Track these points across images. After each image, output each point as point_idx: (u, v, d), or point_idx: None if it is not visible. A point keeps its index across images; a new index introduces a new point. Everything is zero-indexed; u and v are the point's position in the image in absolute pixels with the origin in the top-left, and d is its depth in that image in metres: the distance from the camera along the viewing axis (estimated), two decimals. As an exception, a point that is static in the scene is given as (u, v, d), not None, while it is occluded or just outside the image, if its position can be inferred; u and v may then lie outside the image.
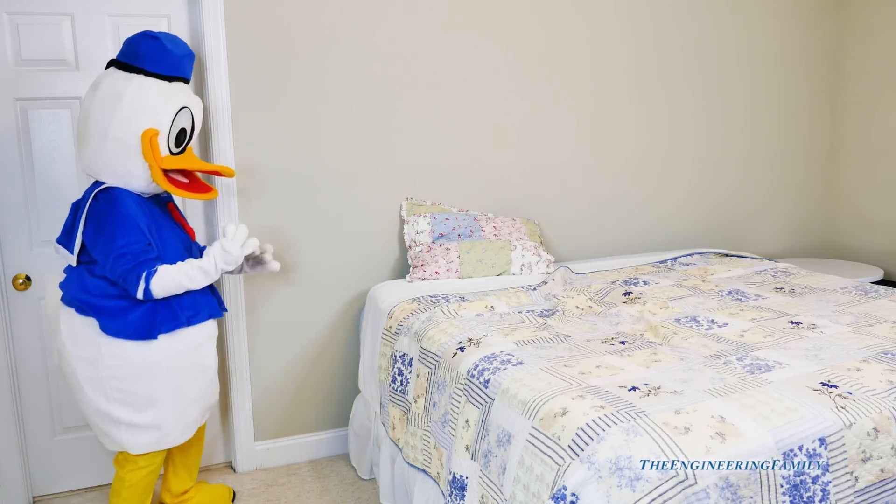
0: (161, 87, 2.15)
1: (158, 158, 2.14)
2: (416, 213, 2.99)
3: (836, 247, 3.93)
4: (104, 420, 2.21)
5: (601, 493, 1.45)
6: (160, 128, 2.14)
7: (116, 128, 2.10)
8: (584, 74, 3.25)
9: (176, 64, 2.20)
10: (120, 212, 2.10)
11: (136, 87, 2.12)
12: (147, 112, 2.12)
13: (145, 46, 2.15)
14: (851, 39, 3.74)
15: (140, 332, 2.14)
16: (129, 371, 2.16)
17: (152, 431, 2.23)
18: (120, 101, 2.10)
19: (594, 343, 2.12)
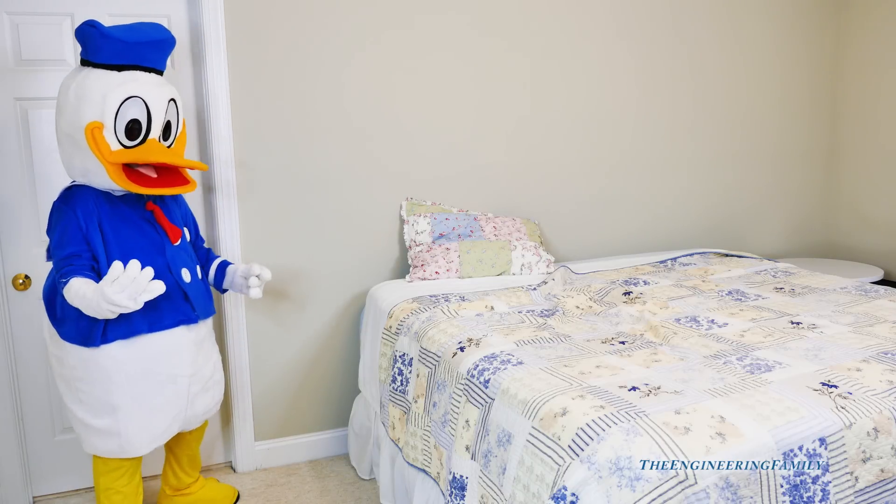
0: (106, 78, 2.02)
1: (105, 153, 2.01)
2: (416, 213, 2.99)
3: (836, 247, 3.93)
4: (73, 419, 2.20)
5: (601, 493, 1.45)
6: (104, 120, 2.00)
7: (66, 124, 2.03)
8: (585, 74, 3.25)
9: (125, 51, 2.04)
10: (66, 212, 2.05)
11: (81, 80, 2.02)
12: (89, 105, 2.00)
13: (83, 36, 2.04)
14: (851, 40, 3.74)
15: (81, 338, 2.07)
16: (89, 374, 2.11)
17: (113, 437, 2.15)
18: (66, 96, 2.03)
19: (594, 343, 2.12)
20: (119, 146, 2.04)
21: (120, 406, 2.13)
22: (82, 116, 2.00)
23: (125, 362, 2.11)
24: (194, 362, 2.25)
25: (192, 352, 2.23)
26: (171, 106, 2.16)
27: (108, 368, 2.10)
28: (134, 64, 2.07)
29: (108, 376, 2.11)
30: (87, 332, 2.07)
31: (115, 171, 2.02)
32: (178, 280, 2.19)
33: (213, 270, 2.50)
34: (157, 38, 2.09)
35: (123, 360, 2.11)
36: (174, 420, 2.24)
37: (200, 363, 2.29)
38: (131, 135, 2.06)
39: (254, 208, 2.82)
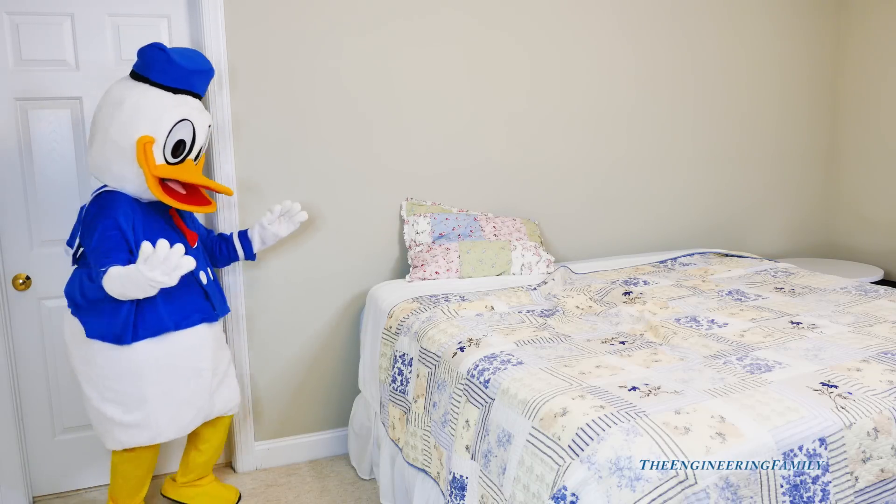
0: (163, 98, 2.19)
1: (152, 166, 2.16)
2: (416, 213, 2.99)
3: (836, 247, 3.93)
4: (100, 418, 2.28)
5: (601, 493, 1.45)
6: (156, 136, 2.16)
7: (115, 131, 2.16)
8: (585, 74, 3.25)
9: (183, 77, 2.22)
10: (106, 214, 2.15)
11: (139, 95, 2.17)
12: (145, 120, 2.15)
13: (151, 57, 2.20)
14: (851, 40, 3.74)
15: (113, 337, 2.18)
16: (118, 372, 2.22)
17: (143, 430, 2.28)
18: (121, 107, 2.16)
19: (594, 343, 2.12)
20: (163, 161, 2.20)
21: (150, 399, 2.26)
22: (136, 129, 2.15)
23: (155, 358, 2.24)
24: (214, 357, 2.40)
25: (212, 347, 2.38)
26: (209, 132, 2.35)
27: (139, 364, 2.22)
28: (185, 89, 2.25)
29: (139, 372, 2.22)
30: (119, 330, 2.18)
31: (154, 183, 2.17)
32: (197, 280, 2.33)
33: (237, 244, 2.61)
34: (207, 69, 2.29)
35: (153, 355, 2.23)
36: (199, 411, 2.38)
37: (219, 357, 2.44)
38: (175, 153, 2.23)
39: (254, 206, 2.82)
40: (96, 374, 2.23)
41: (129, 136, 2.15)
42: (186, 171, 2.24)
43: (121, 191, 2.23)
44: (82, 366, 2.25)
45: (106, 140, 2.17)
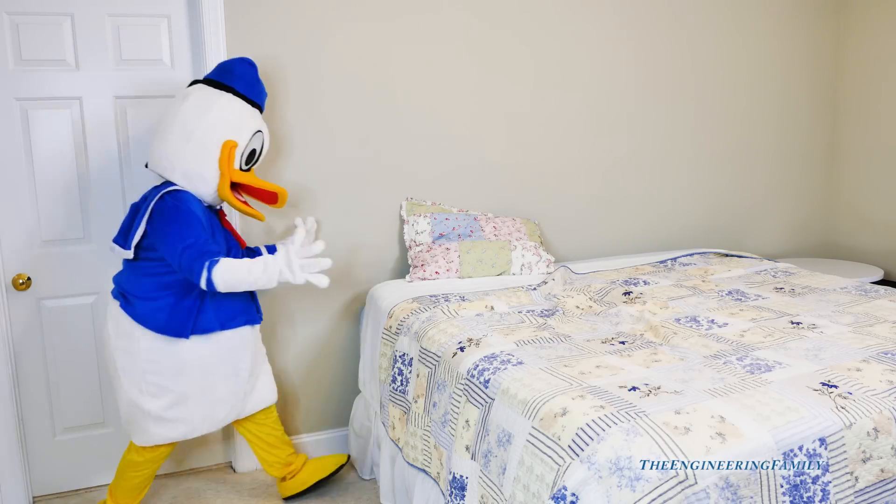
0: (245, 108, 2.35)
1: (231, 169, 2.30)
2: (416, 213, 2.99)
3: (836, 247, 3.93)
4: (136, 411, 2.32)
5: (601, 493, 1.45)
6: (239, 142, 2.31)
7: (201, 132, 2.26)
8: (586, 75, 3.25)
9: (260, 93, 2.43)
10: (188, 209, 2.23)
11: (226, 102, 2.31)
12: (230, 125, 2.29)
13: (241, 69, 2.37)
14: (851, 39, 3.74)
15: (175, 329, 2.25)
16: (163, 366, 2.28)
17: (180, 425, 2.35)
18: (210, 110, 2.27)
19: (594, 343, 2.12)
20: (238, 167, 2.35)
21: (191, 396, 2.33)
22: (220, 132, 2.28)
23: (199, 356, 2.31)
24: (253, 358, 2.46)
25: (252, 349, 2.44)
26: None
27: (186, 360, 2.29)
28: (257, 104, 2.43)
29: (184, 368, 2.30)
30: (182, 324, 2.26)
31: (225, 185, 2.30)
32: None
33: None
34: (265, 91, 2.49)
35: (199, 353, 2.30)
36: (231, 409, 2.44)
37: (257, 360, 2.50)
38: (247, 161, 2.38)
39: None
40: (139, 368, 2.28)
41: (214, 139, 2.27)
42: (254, 177, 2.39)
43: (188, 190, 2.30)
44: (124, 359, 2.28)
45: (189, 140, 2.26)
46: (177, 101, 2.32)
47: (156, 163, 2.32)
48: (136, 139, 2.70)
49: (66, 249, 2.68)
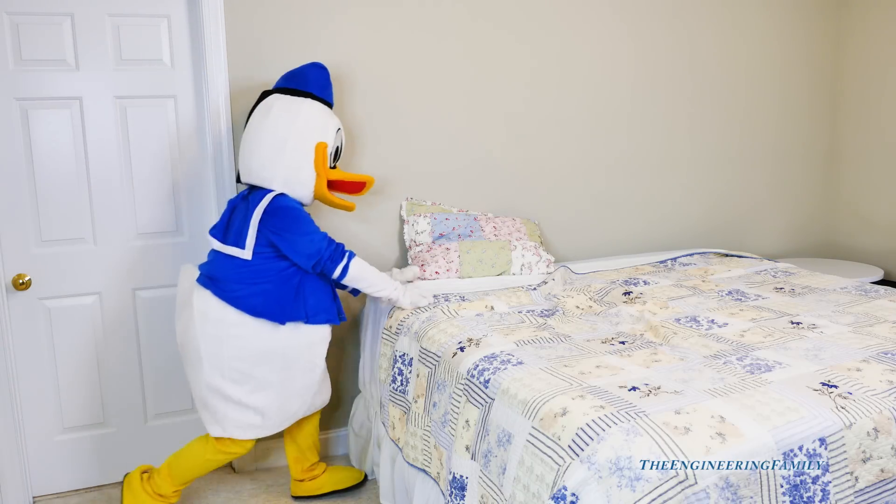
0: (324, 109, 2.47)
1: (326, 169, 2.42)
2: (416, 213, 2.99)
3: (836, 247, 3.93)
4: (215, 396, 2.35)
5: (601, 494, 1.45)
6: (329, 142, 2.43)
7: (295, 139, 2.37)
8: (586, 75, 3.25)
9: (331, 94, 2.55)
10: (297, 208, 2.35)
11: (309, 106, 2.42)
12: (318, 127, 2.41)
13: (316, 75, 2.50)
14: (851, 39, 3.74)
15: (273, 314, 2.32)
16: (249, 354, 2.33)
17: (256, 415, 2.38)
18: (298, 116, 2.39)
19: (594, 343, 2.12)
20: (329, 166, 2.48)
21: (271, 385, 2.38)
22: (311, 136, 2.39)
23: (288, 347, 2.37)
24: (324, 356, 2.50)
25: (326, 347, 2.49)
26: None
27: (272, 348, 2.35)
28: (330, 103, 2.54)
29: (269, 356, 2.35)
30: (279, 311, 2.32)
31: (323, 185, 2.44)
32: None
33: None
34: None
35: (287, 344, 2.37)
36: (302, 405, 2.48)
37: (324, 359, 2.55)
38: (333, 158, 2.51)
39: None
40: (225, 353, 2.31)
41: (307, 143, 2.38)
42: (342, 172, 2.50)
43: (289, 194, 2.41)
44: (210, 344, 2.31)
45: (284, 149, 2.36)
46: (259, 115, 2.41)
47: (254, 175, 2.41)
48: (136, 139, 2.70)
49: (66, 249, 2.68)
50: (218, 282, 2.33)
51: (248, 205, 2.37)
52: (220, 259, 2.37)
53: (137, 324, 2.81)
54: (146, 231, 2.77)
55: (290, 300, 2.34)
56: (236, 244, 2.35)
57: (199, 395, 2.38)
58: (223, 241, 2.38)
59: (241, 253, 2.33)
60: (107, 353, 2.78)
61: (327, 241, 2.34)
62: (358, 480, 2.78)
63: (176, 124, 2.74)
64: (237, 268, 2.34)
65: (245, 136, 2.44)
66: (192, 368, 2.37)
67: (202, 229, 2.84)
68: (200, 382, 2.35)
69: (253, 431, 2.40)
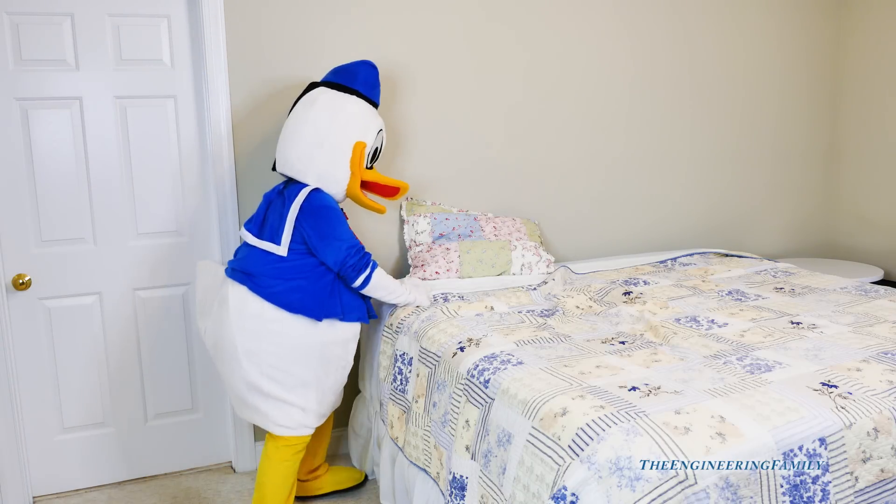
0: (368, 109, 2.45)
1: (361, 169, 2.41)
2: (415, 213, 2.99)
3: (836, 247, 3.93)
4: (253, 393, 2.33)
5: (601, 493, 1.45)
6: (367, 142, 2.41)
7: (335, 135, 2.35)
8: (586, 75, 3.25)
9: (378, 93, 2.53)
10: (336, 207, 2.35)
11: (354, 104, 2.41)
12: (359, 126, 2.39)
13: (365, 73, 2.48)
14: (851, 39, 3.74)
15: (312, 311, 2.30)
16: (287, 350, 2.31)
17: (297, 411, 2.37)
18: (341, 113, 2.37)
19: (594, 343, 2.12)
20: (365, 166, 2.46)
21: (308, 382, 2.36)
22: (350, 134, 2.38)
23: (325, 344, 2.36)
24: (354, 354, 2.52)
25: (356, 345, 2.48)
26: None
27: (311, 346, 2.33)
28: (376, 104, 2.53)
29: (307, 353, 2.33)
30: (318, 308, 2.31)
31: (356, 184, 2.42)
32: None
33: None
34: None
35: (324, 341, 2.35)
36: (336, 401, 2.49)
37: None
38: (371, 159, 2.49)
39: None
40: (263, 350, 2.29)
41: (346, 141, 2.36)
42: (377, 174, 2.49)
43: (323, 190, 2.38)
44: (249, 341, 2.29)
45: (322, 144, 2.35)
46: (303, 107, 2.39)
47: (289, 166, 2.39)
48: (136, 139, 2.70)
49: (66, 249, 2.68)
50: (254, 277, 2.30)
51: (284, 200, 2.36)
52: (254, 254, 2.35)
53: (137, 324, 2.81)
54: (146, 231, 2.77)
55: (327, 297, 2.33)
56: (272, 240, 2.33)
57: (238, 395, 2.35)
58: (258, 236, 2.36)
59: (276, 249, 2.32)
60: (107, 353, 2.78)
61: (356, 248, 2.33)
62: (358, 481, 2.78)
63: (176, 124, 2.74)
64: (272, 263, 2.31)
65: (286, 126, 2.42)
66: (228, 366, 2.33)
67: (202, 229, 2.84)
68: (238, 380, 2.32)
69: (298, 430, 2.38)
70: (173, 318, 2.85)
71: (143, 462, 2.90)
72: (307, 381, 2.35)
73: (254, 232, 2.38)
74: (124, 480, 2.89)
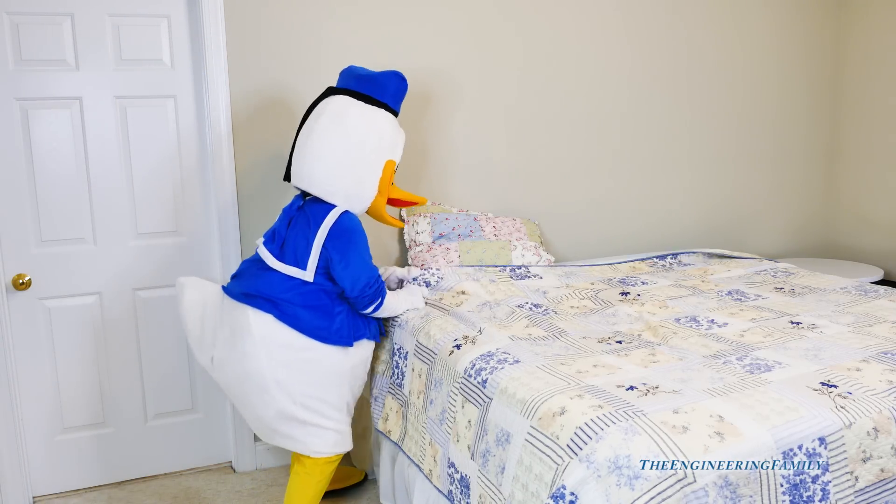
0: (395, 123, 2.35)
1: (389, 188, 2.34)
2: (416, 213, 2.99)
3: (836, 247, 3.93)
4: (287, 422, 2.24)
5: (600, 492, 1.45)
6: (397, 160, 2.33)
7: (369, 154, 2.25)
8: (585, 74, 3.25)
9: (400, 103, 2.41)
10: (363, 233, 2.26)
11: (384, 120, 2.30)
12: (389, 145, 2.30)
13: (395, 87, 2.34)
14: (851, 39, 3.74)
15: (343, 338, 2.25)
16: (319, 378, 2.23)
17: (332, 434, 2.31)
18: (374, 131, 2.26)
19: (591, 342, 2.12)
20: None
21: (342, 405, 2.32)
22: (382, 153, 2.28)
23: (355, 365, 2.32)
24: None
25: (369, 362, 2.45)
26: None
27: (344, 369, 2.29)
28: (397, 112, 2.40)
29: (341, 376, 2.28)
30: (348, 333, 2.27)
31: (383, 203, 2.33)
32: None
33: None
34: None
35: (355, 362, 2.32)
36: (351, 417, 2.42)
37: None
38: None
39: (255, 211, 2.82)
40: (295, 379, 2.20)
41: (380, 160, 2.28)
42: (400, 191, 2.44)
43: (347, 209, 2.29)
44: (278, 370, 2.18)
45: (355, 164, 2.24)
46: (329, 118, 2.26)
47: (314, 185, 2.26)
48: (136, 139, 2.70)
49: (66, 249, 2.68)
50: (279, 304, 2.18)
51: (309, 220, 2.24)
52: (274, 277, 2.22)
53: (137, 324, 2.81)
54: (146, 231, 2.77)
55: (353, 320, 2.29)
56: (296, 264, 2.22)
57: (267, 425, 2.25)
58: (280, 258, 2.24)
59: (302, 274, 2.21)
60: (107, 353, 2.78)
61: (375, 278, 2.27)
62: (358, 479, 2.77)
63: (176, 124, 2.74)
64: (296, 288, 2.21)
65: (308, 139, 2.26)
66: (255, 398, 2.21)
67: (202, 229, 2.84)
68: (268, 410, 2.21)
69: (333, 449, 2.31)
70: (173, 318, 2.85)
71: (143, 462, 2.90)
72: (341, 404, 2.31)
73: (275, 253, 2.25)
74: (124, 480, 2.89)
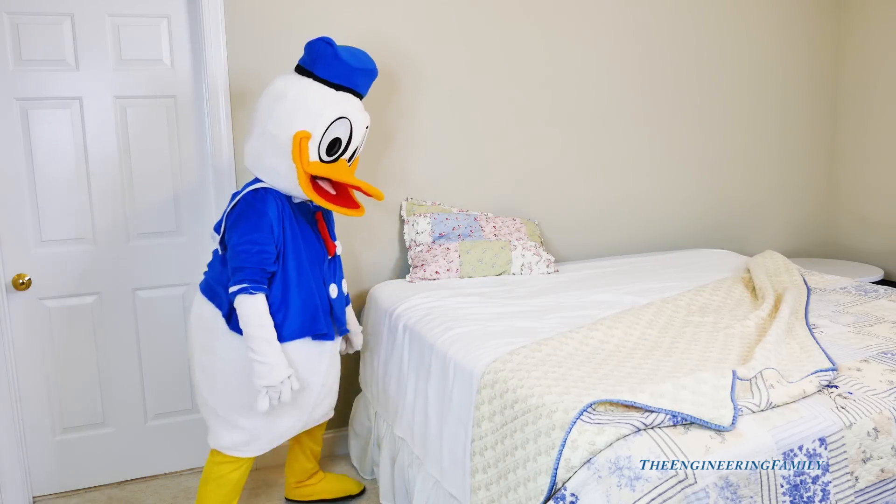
0: (325, 94, 2.15)
1: (305, 162, 2.12)
2: (416, 213, 2.99)
3: (836, 247, 3.93)
4: (205, 408, 2.24)
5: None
6: (313, 132, 2.12)
7: (273, 124, 2.13)
8: (587, 75, 3.25)
9: (347, 74, 2.19)
10: (258, 209, 2.10)
11: (301, 89, 2.14)
12: (304, 114, 2.11)
13: (318, 51, 2.17)
14: (851, 39, 3.74)
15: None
16: (235, 367, 2.16)
17: (242, 433, 2.23)
18: (282, 100, 2.13)
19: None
20: (316, 159, 2.15)
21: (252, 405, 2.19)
22: (294, 123, 2.11)
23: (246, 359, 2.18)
24: (327, 373, 2.30)
25: (327, 362, 2.29)
26: (365, 132, 2.28)
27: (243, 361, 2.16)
28: (348, 87, 2.20)
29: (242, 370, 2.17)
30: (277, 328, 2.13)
31: (305, 181, 2.13)
32: (327, 294, 2.28)
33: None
34: (371, 68, 2.25)
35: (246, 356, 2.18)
36: (297, 422, 2.30)
37: (331, 374, 2.34)
38: (330, 151, 2.17)
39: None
40: (214, 366, 2.17)
41: (286, 130, 2.12)
42: (338, 170, 2.17)
43: (272, 187, 2.18)
44: (200, 354, 2.19)
45: (263, 133, 2.14)
46: (264, 92, 2.21)
47: (246, 160, 2.23)
48: (136, 139, 2.70)
49: (66, 249, 2.68)
50: (207, 281, 2.18)
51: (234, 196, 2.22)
52: (216, 259, 2.23)
53: (137, 324, 2.81)
54: (146, 231, 2.77)
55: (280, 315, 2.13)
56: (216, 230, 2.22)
57: (199, 405, 2.30)
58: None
59: (216, 242, 2.14)
60: (106, 352, 2.78)
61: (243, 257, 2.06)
62: (355, 492, 2.70)
63: (176, 124, 2.74)
64: (217, 263, 2.18)
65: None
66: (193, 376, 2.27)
67: (202, 229, 2.84)
68: (196, 392, 2.28)
69: (237, 451, 2.24)
70: (173, 318, 2.85)
71: (143, 462, 2.90)
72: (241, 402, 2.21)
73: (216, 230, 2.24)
74: (124, 480, 2.89)
